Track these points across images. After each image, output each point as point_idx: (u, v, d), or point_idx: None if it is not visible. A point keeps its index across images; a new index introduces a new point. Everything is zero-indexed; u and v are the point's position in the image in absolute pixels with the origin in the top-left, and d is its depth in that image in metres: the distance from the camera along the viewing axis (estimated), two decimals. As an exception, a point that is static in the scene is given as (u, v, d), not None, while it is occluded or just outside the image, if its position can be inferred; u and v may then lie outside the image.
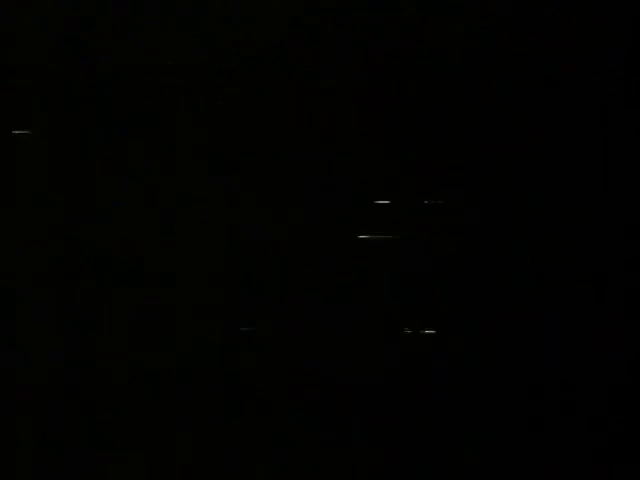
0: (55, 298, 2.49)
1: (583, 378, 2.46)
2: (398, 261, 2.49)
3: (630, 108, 2.48)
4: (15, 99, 2.51)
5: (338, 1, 2.52)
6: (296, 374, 2.48)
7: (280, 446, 2.47)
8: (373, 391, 2.47)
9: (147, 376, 2.49)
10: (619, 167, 2.48)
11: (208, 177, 2.51)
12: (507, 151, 2.49)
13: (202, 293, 2.50)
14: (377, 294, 2.48)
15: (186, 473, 2.47)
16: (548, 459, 2.45)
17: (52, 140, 2.51)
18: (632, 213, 2.47)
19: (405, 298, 2.48)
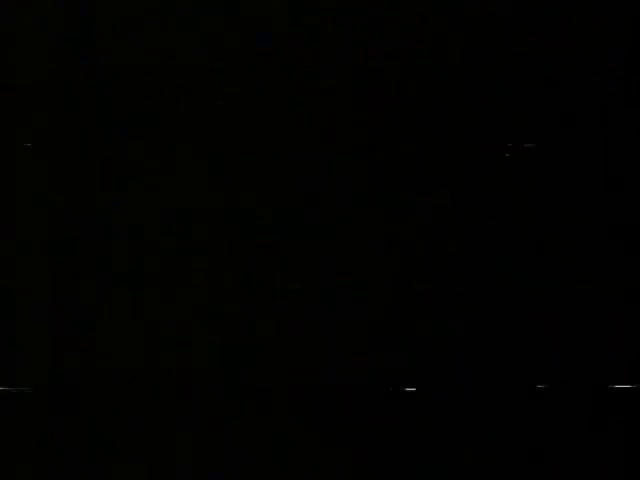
0: (55, 298, 2.49)
1: (582, 378, 2.46)
2: (398, 262, 2.49)
3: (630, 108, 2.49)
4: (15, 99, 2.51)
5: (338, 1, 2.52)
6: (296, 374, 2.48)
7: (280, 446, 2.47)
8: (373, 391, 2.47)
9: (147, 376, 2.49)
10: (619, 167, 2.48)
11: (208, 177, 2.51)
12: (507, 151, 2.49)
13: (202, 293, 2.50)
14: (377, 294, 2.48)
15: (186, 473, 2.47)
16: (547, 459, 2.45)
17: (52, 140, 2.51)
18: (632, 213, 2.48)
19: (406, 298, 2.48)
